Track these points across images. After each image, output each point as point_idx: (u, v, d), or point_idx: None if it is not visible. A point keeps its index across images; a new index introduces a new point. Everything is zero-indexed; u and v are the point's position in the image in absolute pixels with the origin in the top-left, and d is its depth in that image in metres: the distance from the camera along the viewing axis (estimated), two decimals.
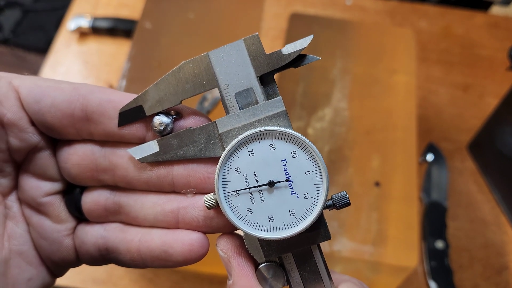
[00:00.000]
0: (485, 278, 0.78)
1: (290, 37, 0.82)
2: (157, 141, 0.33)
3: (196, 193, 0.34)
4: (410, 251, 0.64)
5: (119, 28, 0.99)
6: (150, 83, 0.35)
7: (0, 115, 0.33)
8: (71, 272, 0.74)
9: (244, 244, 0.33)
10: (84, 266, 0.38)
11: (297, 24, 0.83)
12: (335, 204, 0.33)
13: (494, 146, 0.84)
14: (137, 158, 0.33)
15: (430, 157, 0.88)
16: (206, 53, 0.33)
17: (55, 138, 0.35)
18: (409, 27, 1.05)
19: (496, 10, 1.12)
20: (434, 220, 0.82)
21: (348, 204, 0.33)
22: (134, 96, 0.34)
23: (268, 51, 0.33)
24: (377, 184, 0.69)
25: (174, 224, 0.34)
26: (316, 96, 0.77)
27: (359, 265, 0.65)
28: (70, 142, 0.36)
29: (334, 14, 1.05)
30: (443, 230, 0.80)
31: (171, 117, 0.33)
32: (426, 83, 0.97)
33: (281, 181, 0.31)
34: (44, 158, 0.35)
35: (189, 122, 0.34)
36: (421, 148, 0.88)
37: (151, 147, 0.33)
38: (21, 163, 0.36)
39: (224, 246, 0.34)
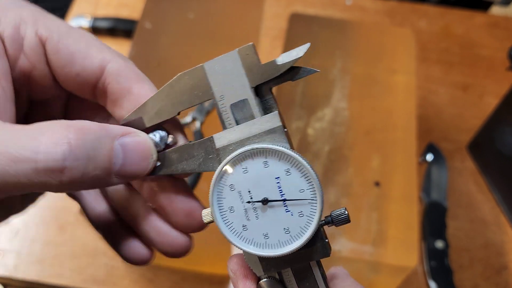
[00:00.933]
0: (485, 278, 0.78)
1: (290, 37, 0.82)
2: (159, 155, 0.34)
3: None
4: (410, 251, 0.64)
5: (119, 28, 0.99)
6: None
7: (25, 69, 0.33)
8: (71, 272, 0.75)
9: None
10: (84, 266, 0.38)
11: (297, 24, 0.83)
12: (333, 221, 0.33)
13: (494, 146, 0.84)
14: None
15: (430, 157, 0.88)
16: (201, 64, 0.33)
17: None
18: (409, 27, 1.05)
19: (496, 10, 1.12)
20: (434, 220, 0.82)
21: (347, 221, 0.33)
22: (153, 91, 0.34)
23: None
24: (377, 184, 0.69)
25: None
26: (316, 96, 0.77)
27: (359, 265, 0.65)
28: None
29: (334, 14, 1.05)
30: (443, 230, 0.80)
31: (166, 133, 0.34)
32: (426, 83, 0.97)
33: (275, 200, 0.31)
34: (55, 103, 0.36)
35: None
36: (421, 148, 0.88)
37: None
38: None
39: (233, 267, 0.34)
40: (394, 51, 0.82)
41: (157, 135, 0.34)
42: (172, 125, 0.35)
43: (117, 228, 0.39)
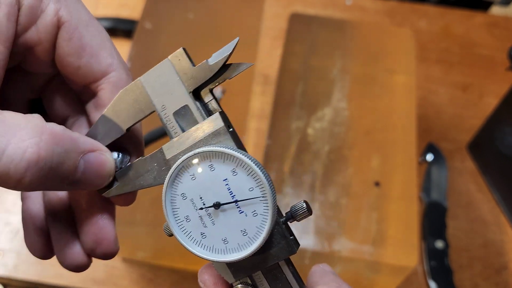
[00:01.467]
0: (485, 278, 0.78)
1: (290, 37, 0.82)
2: (116, 174, 0.34)
3: None
4: (410, 251, 0.64)
5: (119, 28, 0.99)
6: None
7: (31, 42, 0.32)
8: (71, 273, 0.74)
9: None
10: None
11: (297, 24, 0.83)
12: (293, 216, 0.32)
13: (494, 146, 0.84)
14: (102, 194, 0.34)
15: (430, 157, 0.88)
16: (138, 78, 0.33)
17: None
18: (408, 27, 1.05)
19: (496, 10, 1.12)
20: (434, 220, 0.82)
21: (308, 213, 0.32)
22: None
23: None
24: (377, 184, 0.69)
25: None
26: (316, 96, 0.77)
27: (359, 265, 0.65)
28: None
29: (334, 14, 1.05)
30: (443, 230, 0.80)
31: (125, 154, 0.34)
32: (426, 83, 0.97)
33: (227, 203, 0.31)
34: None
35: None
36: (421, 148, 0.88)
37: (112, 181, 0.34)
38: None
39: (203, 278, 0.34)
40: (394, 51, 0.82)
41: (118, 157, 0.34)
42: (131, 140, 0.35)
43: (38, 226, 0.38)
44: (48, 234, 0.37)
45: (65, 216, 0.37)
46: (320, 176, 0.69)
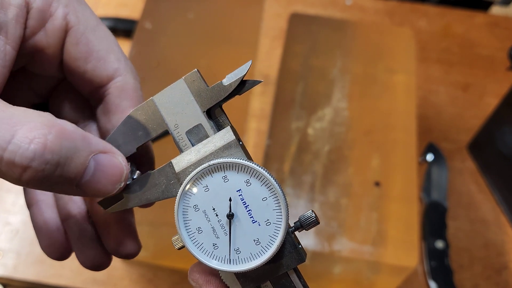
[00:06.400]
0: (485, 278, 0.78)
1: (290, 37, 0.82)
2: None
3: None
4: (410, 251, 0.64)
5: (119, 28, 0.99)
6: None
7: (39, 45, 0.32)
8: (71, 273, 0.75)
9: (217, 272, 0.33)
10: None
11: (297, 24, 0.83)
12: (302, 225, 0.33)
13: (494, 146, 0.84)
14: (106, 210, 0.34)
15: (430, 157, 0.88)
16: (151, 98, 0.33)
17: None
18: (408, 27, 1.05)
19: (496, 10, 1.12)
20: (434, 220, 0.82)
21: (316, 223, 0.33)
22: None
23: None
24: (377, 184, 0.69)
25: None
26: (316, 96, 0.76)
27: (359, 265, 0.65)
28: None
29: (334, 14, 1.05)
30: (443, 230, 0.80)
31: (129, 164, 0.34)
32: (426, 83, 0.97)
33: (241, 212, 0.31)
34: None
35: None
36: (421, 148, 0.88)
37: (117, 196, 0.34)
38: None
39: (194, 276, 0.33)
40: (394, 51, 0.82)
41: (130, 168, 0.34)
42: (142, 154, 0.36)
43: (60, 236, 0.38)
44: (64, 236, 0.37)
45: (83, 218, 0.37)
46: (320, 176, 0.69)
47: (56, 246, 0.37)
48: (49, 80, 0.37)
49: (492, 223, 0.83)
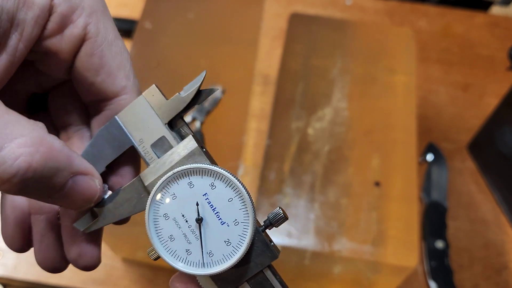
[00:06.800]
0: (485, 278, 0.78)
1: (290, 37, 0.82)
2: (94, 209, 0.34)
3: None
4: (410, 251, 0.64)
5: (119, 28, 0.98)
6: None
7: (53, 48, 0.32)
8: (71, 273, 0.74)
9: (195, 279, 0.34)
10: None
11: (297, 24, 0.83)
12: (271, 222, 0.33)
13: (494, 146, 0.84)
14: (81, 230, 0.35)
15: (430, 157, 0.88)
16: (114, 116, 0.34)
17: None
18: (408, 27, 1.05)
19: (496, 10, 1.12)
20: (434, 220, 0.82)
21: (285, 218, 0.33)
22: None
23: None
24: (377, 184, 0.69)
25: None
26: (316, 96, 0.76)
27: (359, 265, 0.65)
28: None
29: (334, 14, 1.05)
30: (443, 230, 0.80)
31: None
32: (426, 83, 0.97)
33: (209, 215, 0.32)
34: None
35: (116, 180, 0.36)
36: (421, 148, 0.88)
37: (90, 217, 0.35)
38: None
39: (175, 286, 0.34)
40: (394, 51, 0.82)
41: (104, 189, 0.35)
42: (125, 161, 0.36)
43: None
44: (28, 227, 0.37)
45: (52, 218, 0.37)
46: (320, 176, 0.69)
47: (17, 238, 0.37)
48: (55, 79, 0.37)
49: (492, 223, 0.83)
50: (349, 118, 0.74)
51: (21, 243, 0.38)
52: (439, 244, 0.79)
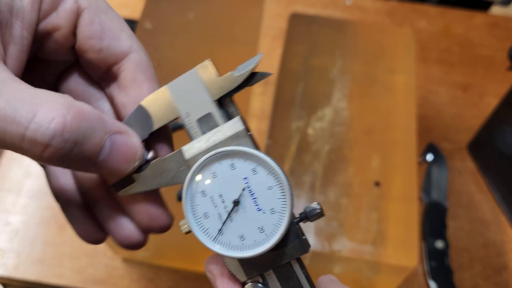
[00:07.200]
0: (485, 278, 0.78)
1: (290, 37, 0.82)
2: (134, 174, 0.35)
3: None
4: (410, 251, 0.64)
5: None
6: None
7: (51, 28, 0.33)
8: (71, 272, 0.75)
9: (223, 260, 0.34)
10: (84, 266, 0.38)
11: (297, 24, 0.83)
12: (307, 216, 0.33)
13: (494, 146, 0.84)
14: (118, 193, 0.35)
15: (430, 157, 0.88)
16: (164, 86, 0.34)
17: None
18: (408, 27, 1.05)
19: (496, 10, 1.12)
20: (434, 220, 0.82)
21: (321, 214, 0.33)
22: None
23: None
24: (377, 184, 0.69)
25: None
26: (316, 96, 0.77)
27: (359, 265, 0.65)
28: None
29: (334, 14, 1.05)
30: (443, 230, 0.80)
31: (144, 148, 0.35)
32: (426, 83, 0.97)
33: (247, 200, 0.32)
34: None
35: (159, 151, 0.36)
36: (421, 148, 0.88)
37: (129, 180, 0.35)
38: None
39: (209, 267, 0.34)
40: (394, 51, 0.82)
41: (144, 150, 0.35)
42: (161, 137, 0.36)
43: (76, 204, 0.38)
44: (91, 212, 0.38)
45: (88, 196, 0.37)
46: (320, 176, 0.69)
47: (89, 228, 0.37)
48: (58, 66, 0.38)
49: (492, 223, 0.83)
50: (349, 118, 0.74)
51: (95, 233, 0.38)
52: (439, 244, 0.79)
